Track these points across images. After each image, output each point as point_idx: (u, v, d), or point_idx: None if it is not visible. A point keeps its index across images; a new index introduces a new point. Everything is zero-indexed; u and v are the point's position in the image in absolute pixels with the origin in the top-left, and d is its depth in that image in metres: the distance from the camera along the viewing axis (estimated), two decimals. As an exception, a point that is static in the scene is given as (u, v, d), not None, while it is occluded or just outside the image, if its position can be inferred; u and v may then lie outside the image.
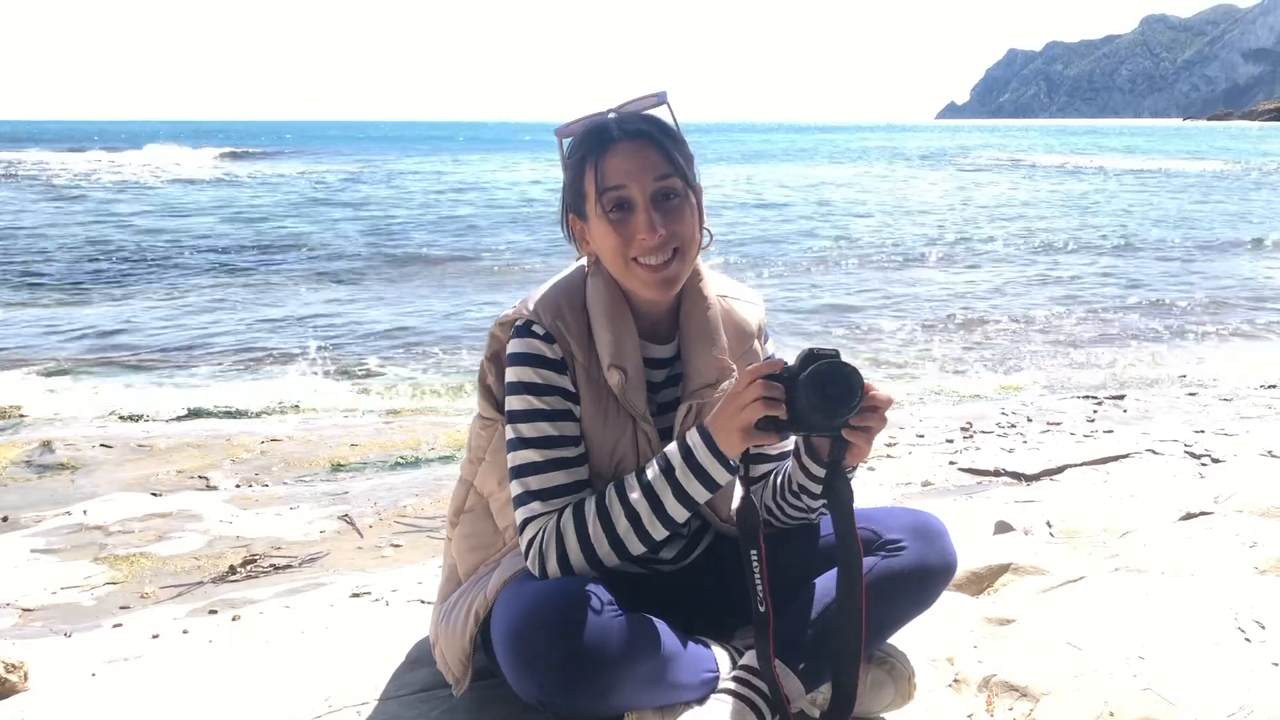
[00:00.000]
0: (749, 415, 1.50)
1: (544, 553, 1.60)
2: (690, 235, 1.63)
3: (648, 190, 1.59)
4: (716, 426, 1.55)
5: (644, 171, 1.59)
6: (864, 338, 8.48)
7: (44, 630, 2.79)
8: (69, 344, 8.01)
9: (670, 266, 1.62)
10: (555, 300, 1.68)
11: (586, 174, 1.62)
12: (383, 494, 4.14)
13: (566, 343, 1.65)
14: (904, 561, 1.71)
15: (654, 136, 1.62)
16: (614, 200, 1.60)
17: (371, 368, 7.32)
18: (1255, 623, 2.16)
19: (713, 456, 1.55)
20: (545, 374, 1.64)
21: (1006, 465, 4.09)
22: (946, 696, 1.89)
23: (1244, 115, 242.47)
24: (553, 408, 1.64)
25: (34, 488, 4.33)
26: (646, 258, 1.60)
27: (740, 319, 1.80)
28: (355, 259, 13.19)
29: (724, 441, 1.55)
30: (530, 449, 1.63)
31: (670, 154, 1.61)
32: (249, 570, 3.31)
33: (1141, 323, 9.04)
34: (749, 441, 1.53)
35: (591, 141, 1.63)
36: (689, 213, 1.63)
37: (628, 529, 1.58)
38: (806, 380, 1.47)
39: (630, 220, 1.60)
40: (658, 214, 1.59)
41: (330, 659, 2.10)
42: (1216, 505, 3.05)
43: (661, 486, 1.57)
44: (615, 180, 1.59)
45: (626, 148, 1.60)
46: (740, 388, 1.52)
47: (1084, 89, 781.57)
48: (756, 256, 13.50)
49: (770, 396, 1.49)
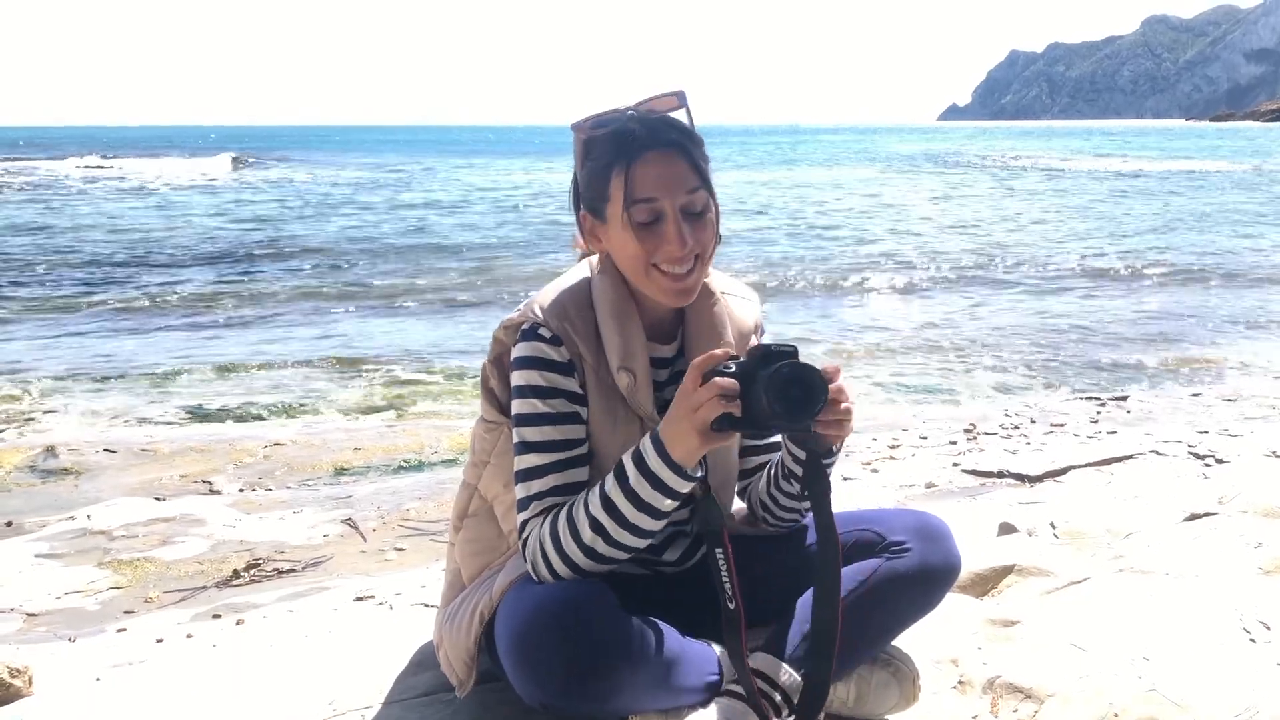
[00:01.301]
0: (704, 415, 1.44)
1: (534, 560, 1.60)
2: (710, 243, 1.63)
3: (678, 203, 1.58)
4: (669, 432, 1.48)
5: (676, 184, 1.58)
6: (871, 341, 8.47)
7: (48, 635, 2.80)
8: (72, 350, 8.02)
9: (692, 276, 1.61)
10: (561, 302, 1.67)
11: (613, 179, 1.59)
12: (386, 498, 4.14)
13: (574, 345, 1.64)
14: (908, 563, 1.70)
15: (684, 147, 1.60)
16: (646, 213, 1.57)
17: (376, 371, 7.32)
18: (1260, 623, 2.15)
19: (663, 463, 1.49)
20: (551, 377, 1.63)
21: (1010, 467, 4.09)
22: (951, 698, 1.89)
23: (1246, 115, 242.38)
24: (557, 411, 1.63)
25: (38, 493, 4.33)
26: (671, 267, 1.59)
27: (738, 314, 1.79)
28: (363, 261, 13.21)
29: (679, 446, 1.47)
30: (533, 453, 1.63)
31: (698, 165, 1.60)
32: (252, 574, 3.31)
33: (1147, 322, 9.03)
34: (707, 444, 1.47)
35: (620, 147, 1.59)
36: (711, 223, 1.62)
37: (594, 538, 1.55)
38: (768, 383, 1.41)
39: (659, 231, 1.58)
40: (687, 225, 1.58)
41: (334, 663, 2.10)
42: (1221, 506, 3.04)
43: (618, 496, 1.53)
44: (647, 193, 1.57)
45: (657, 158, 1.57)
46: (690, 386, 1.46)
47: (1086, 90, 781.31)
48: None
49: (725, 394, 1.44)
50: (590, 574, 1.58)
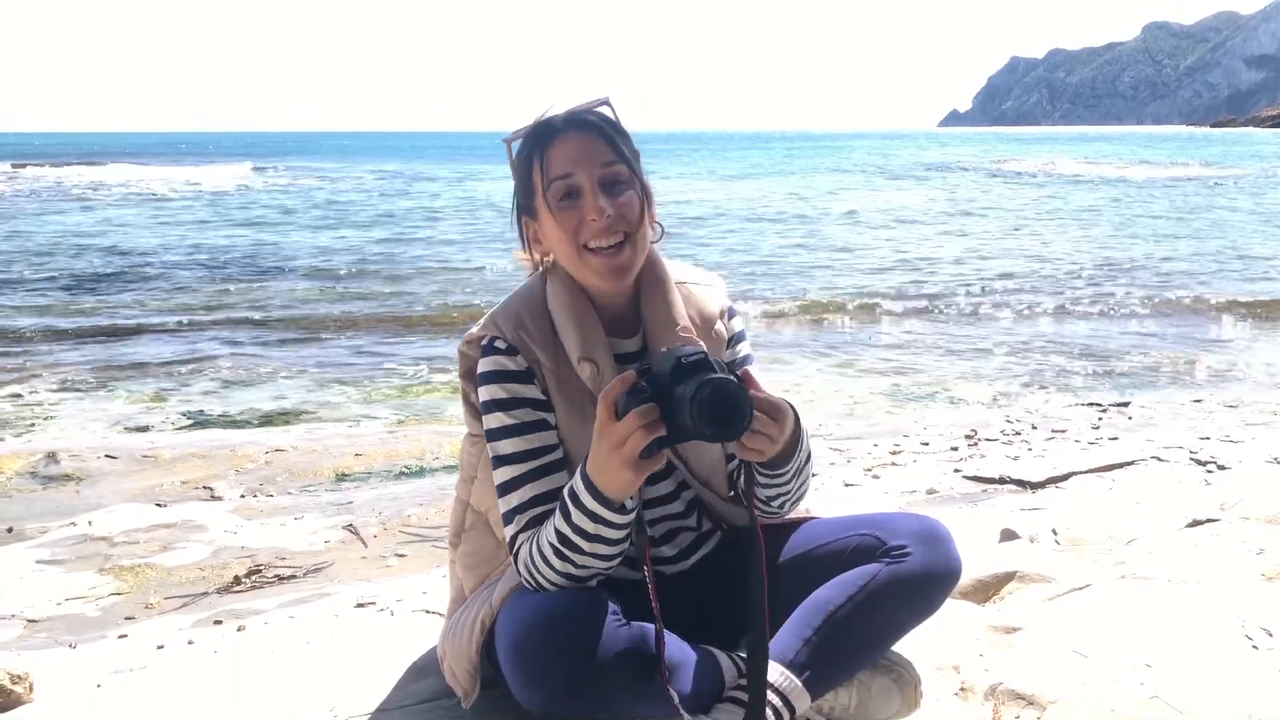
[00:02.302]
0: (631, 449, 1.40)
1: (527, 579, 1.61)
2: (638, 221, 1.65)
3: (595, 176, 1.61)
4: (600, 473, 1.44)
5: (590, 158, 1.61)
6: (871, 344, 8.47)
7: (49, 641, 2.79)
8: (74, 354, 8.03)
9: (623, 252, 1.63)
10: (515, 311, 1.70)
11: (534, 168, 1.64)
12: (387, 504, 4.14)
13: (531, 351, 1.66)
14: (909, 567, 1.70)
15: (599, 127, 1.64)
16: (562, 189, 1.61)
17: (373, 377, 7.32)
18: (1262, 630, 2.15)
19: (598, 503, 1.47)
20: (512, 387, 1.65)
21: (1011, 473, 4.09)
22: (953, 705, 1.88)
23: (1247, 121, 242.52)
24: (523, 421, 1.65)
25: (39, 499, 4.33)
26: (597, 241, 1.61)
27: (700, 302, 1.80)
28: (363, 266, 13.22)
29: (613, 482, 1.44)
30: (507, 465, 1.64)
31: (615, 142, 1.64)
32: (254, 580, 3.31)
33: (1148, 327, 9.03)
34: (642, 473, 1.42)
35: (537, 137, 1.65)
36: (636, 199, 1.65)
37: (564, 565, 1.54)
38: (692, 406, 1.35)
39: (578, 206, 1.61)
40: (605, 197, 1.61)
41: (335, 669, 2.10)
42: (1223, 512, 3.04)
43: (568, 530, 1.51)
44: (562, 169, 1.61)
45: (571, 137, 1.63)
46: (606, 420, 1.41)
47: (1086, 96, 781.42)
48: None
49: (646, 423, 1.39)
50: (585, 580, 1.58)
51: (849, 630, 1.65)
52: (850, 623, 1.65)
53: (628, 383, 1.41)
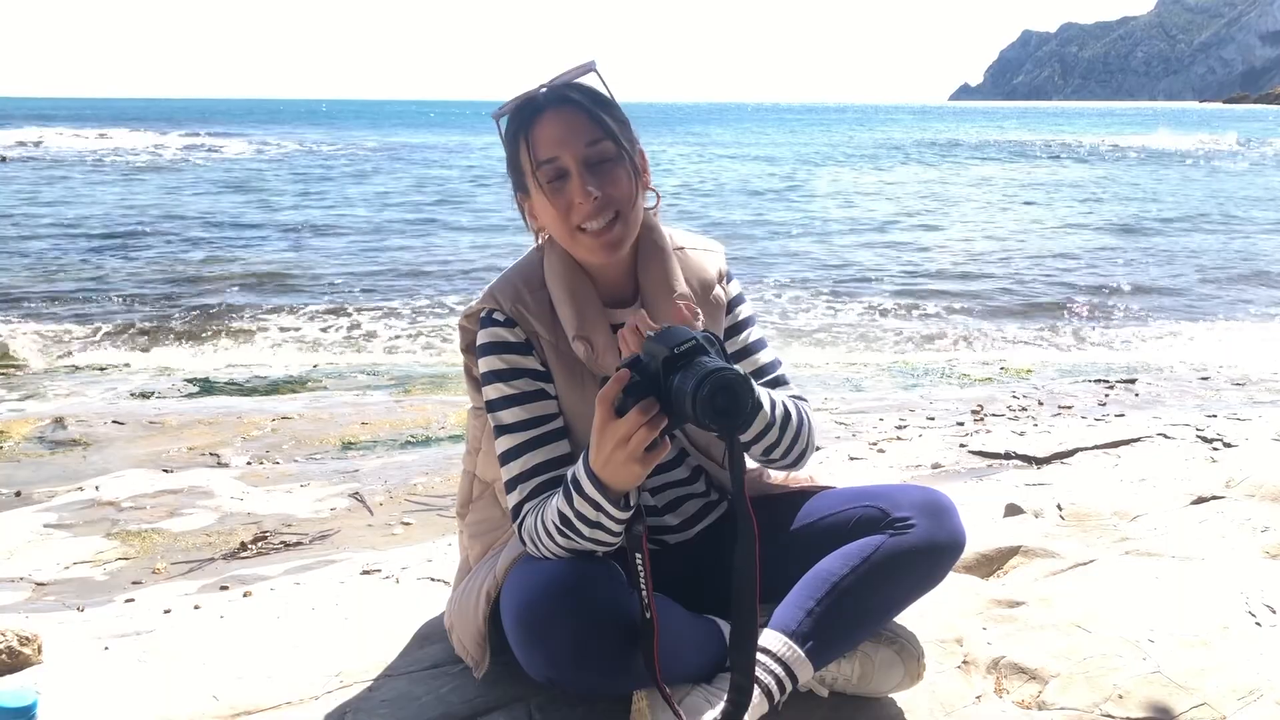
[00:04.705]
0: (636, 445, 1.38)
1: (532, 549, 1.61)
2: (628, 196, 1.63)
3: (579, 156, 1.59)
4: (606, 470, 1.42)
5: (573, 138, 1.60)
6: (877, 318, 8.46)
7: (57, 604, 2.81)
8: (77, 319, 8.04)
9: (614, 229, 1.62)
10: (513, 284, 1.70)
11: (521, 149, 1.63)
12: (393, 472, 4.15)
13: (529, 323, 1.66)
14: (913, 539, 1.69)
15: (579, 102, 1.62)
16: (549, 172, 1.60)
17: (383, 344, 7.33)
18: (1265, 606, 2.15)
19: (601, 495, 1.45)
20: (510, 359, 1.66)
21: (1017, 448, 4.08)
22: (955, 678, 1.89)
23: (1260, 99, 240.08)
24: (522, 391, 1.65)
25: (46, 463, 4.35)
26: (588, 223, 1.60)
27: (698, 266, 1.79)
28: (373, 234, 13.21)
29: (618, 480, 1.43)
30: (508, 435, 1.65)
31: (599, 118, 1.62)
32: (260, 547, 3.33)
33: (1156, 304, 8.99)
34: (648, 467, 1.41)
35: (520, 116, 1.64)
36: (624, 175, 1.63)
37: (568, 542, 1.53)
38: (694, 402, 1.33)
39: (566, 188, 1.60)
40: (592, 178, 1.59)
41: (340, 635, 2.11)
42: (1228, 490, 3.04)
43: (570, 514, 1.50)
44: (547, 153, 1.60)
45: (553, 117, 1.61)
46: (606, 419, 1.39)
47: (1099, 71, 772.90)
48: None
49: (649, 419, 1.37)
50: (588, 554, 1.57)
51: (852, 601, 1.65)
52: (853, 594, 1.65)
53: (623, 381, 1.39)
